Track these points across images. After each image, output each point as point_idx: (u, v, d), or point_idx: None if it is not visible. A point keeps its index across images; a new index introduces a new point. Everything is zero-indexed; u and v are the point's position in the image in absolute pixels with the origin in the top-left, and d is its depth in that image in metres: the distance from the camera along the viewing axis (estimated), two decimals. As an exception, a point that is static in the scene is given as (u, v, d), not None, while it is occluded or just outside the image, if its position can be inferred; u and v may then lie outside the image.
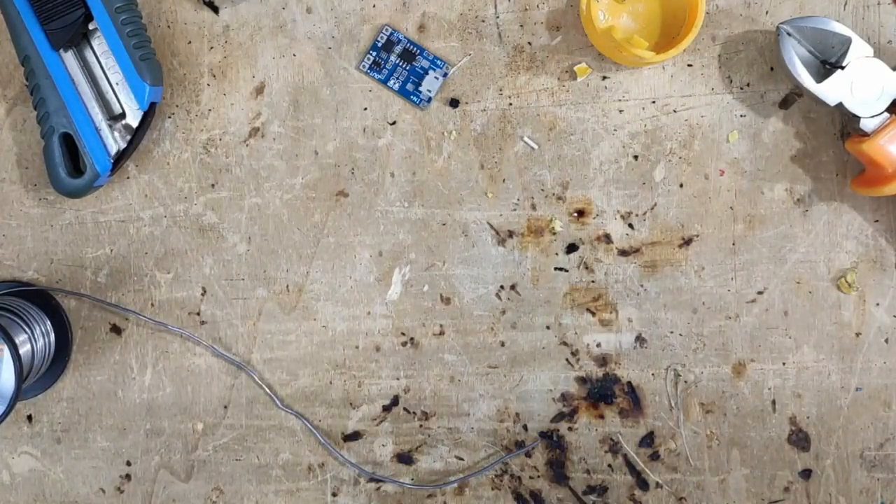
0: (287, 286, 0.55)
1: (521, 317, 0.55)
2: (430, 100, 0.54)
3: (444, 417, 0.55)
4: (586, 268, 0.54)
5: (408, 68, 0.54)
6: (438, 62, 0.54)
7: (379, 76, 0.54)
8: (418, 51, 0.54)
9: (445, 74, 0.54)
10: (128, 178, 0.55)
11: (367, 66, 0.54)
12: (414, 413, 0.55)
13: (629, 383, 0.54)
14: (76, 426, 0.56)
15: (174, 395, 0.56)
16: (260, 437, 0.56)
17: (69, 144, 0.53)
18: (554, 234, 0.54)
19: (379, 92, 0.54)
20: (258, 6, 0.55)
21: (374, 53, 0.54)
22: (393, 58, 0.54)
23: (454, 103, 0.54)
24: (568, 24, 0.54)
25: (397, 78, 0.54)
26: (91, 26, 0.52)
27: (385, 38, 0.54)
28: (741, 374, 0.54)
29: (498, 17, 0.54)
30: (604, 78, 0.54)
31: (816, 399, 0.54)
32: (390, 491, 0.55)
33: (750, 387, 0.54)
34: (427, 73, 0.54)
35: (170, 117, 0.55)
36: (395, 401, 0.55)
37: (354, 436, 0.55)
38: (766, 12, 0.53)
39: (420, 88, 0.54)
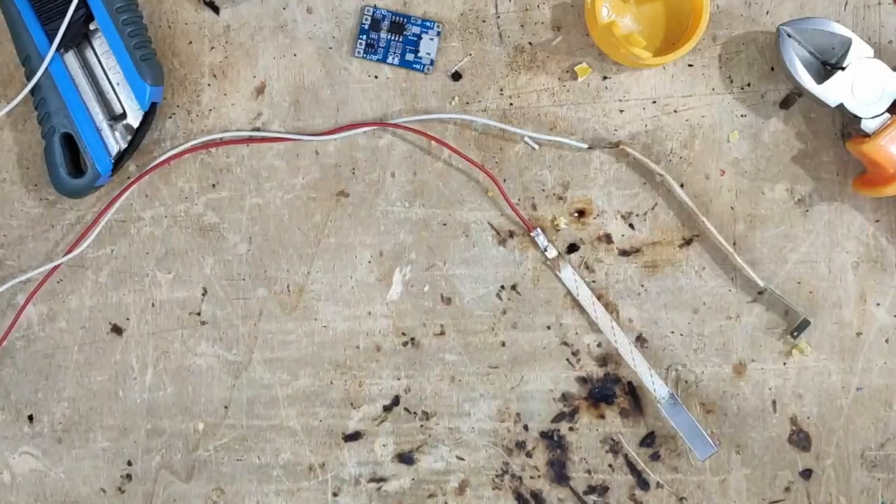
0: (288, 286, 0.55)
1: (522, 317, 0.55)
2: (432, 62, 0.53)
3: (444, 417, 0.55)
4: (587, 268, 0.54)
5: (401, 40, 0.53)
6: (428, 23, 0.53)
7: (376, 57, 0.54)
8: (405, 19, 0.53)
9: (438, 33, 0.53)
10: (129, 178, 0.55)
11: (362, 50, 0.54)
12: (415, 413, 0.55)
13: (630, 383, 0.54)
14: (77, 426, 0.56)
15: (175, 395, 0.56)
16: (261, 437, 0.56)
17: (70, 144, 0.53)
18: (558, 230, 0.54)
19: (380, 92, 0.54)
20: (259, 6, 0.55)
21: (364, 36, 0.54)
22: (383, 34, 0.53)
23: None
24: (569, 24, 0.54)
25: (394, 52, 0.53)
26: (92, 26, 0.52)
27: (370, 18, 0.54)
28: (742, 374, 0.54)
29: (499, 16, 0.54)
30: (604, 78, 0.54)
31: (817, 399, 0.54)
32: (391, 491, 0.55)
33: (750, 387, 0.54)
34: (421, 38, 0.53)
35: (170, 117, 0.55)
36: (396, 401, 0.55)
37: (355, 436, 0.55)
38: (767, 12, 0.53)
39: (420, 55, 0.53)
